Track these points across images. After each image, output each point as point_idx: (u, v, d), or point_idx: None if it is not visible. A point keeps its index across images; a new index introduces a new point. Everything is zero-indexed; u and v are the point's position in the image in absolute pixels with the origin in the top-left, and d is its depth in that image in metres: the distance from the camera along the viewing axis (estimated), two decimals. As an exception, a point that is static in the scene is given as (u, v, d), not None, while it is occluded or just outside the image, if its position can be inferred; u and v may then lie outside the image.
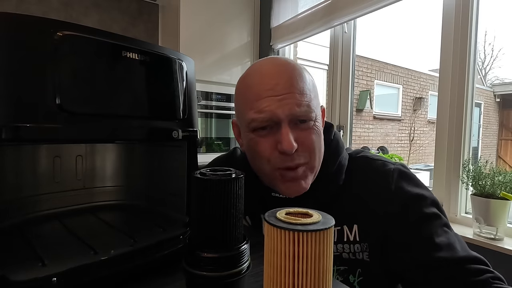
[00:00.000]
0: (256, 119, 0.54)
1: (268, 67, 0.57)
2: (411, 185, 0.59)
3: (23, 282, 0.34)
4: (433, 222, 0.55)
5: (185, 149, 0.53)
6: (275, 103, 0.53)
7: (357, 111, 6.32)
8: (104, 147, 0.67)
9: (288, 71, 0.56)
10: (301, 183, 0.56)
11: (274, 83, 0.54)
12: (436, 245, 0.52)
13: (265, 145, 0.55)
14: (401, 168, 0.61)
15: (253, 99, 0.55)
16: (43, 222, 0.55)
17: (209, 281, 0.35)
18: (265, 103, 0.54)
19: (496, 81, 8.40)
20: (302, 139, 0.54)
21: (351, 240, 0.58)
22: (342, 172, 0.61)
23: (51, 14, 1.77)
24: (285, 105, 0.53)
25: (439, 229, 0.54)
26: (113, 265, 0.41)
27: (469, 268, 0.50)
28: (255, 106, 0.54)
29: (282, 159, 0.54)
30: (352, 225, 0.58)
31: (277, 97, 0.53)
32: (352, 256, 0.58)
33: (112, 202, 0.66)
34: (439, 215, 0.56)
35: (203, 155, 1.85)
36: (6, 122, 0.34)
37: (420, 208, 0.56)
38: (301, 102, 0.54)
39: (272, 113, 0.53)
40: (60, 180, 0.61)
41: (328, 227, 0.31)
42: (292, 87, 0.54)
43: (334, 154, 0.62)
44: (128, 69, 0.44)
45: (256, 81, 0.57)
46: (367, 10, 1.40)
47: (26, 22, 0.35)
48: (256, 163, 0.59)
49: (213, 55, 1.90)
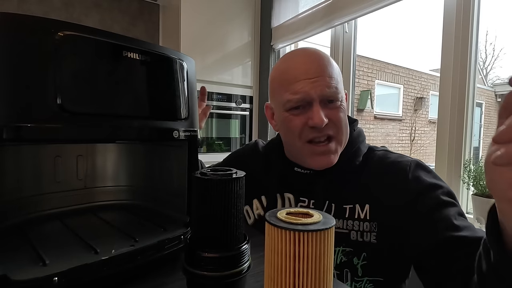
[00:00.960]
0: (292, 100, 0.62)
1: (301, 55, 0.65)
2: (428, 175, 0.61)
3: (24, 282, 0.34)
4: (450, 208, 0.56)
5: (185, 149, 0.53)
6: (308, 85, 0.60)
7: (358, 111, 6.31)
8: (105, 147, 0.67)
9: (318, 58, 0.64)
10: (330, 157, 0.63)
11: (307, 68, 0.62)
12: (456, 226, 0.53)
13: (298, 121, 0.62)
14: (418, 161, 0.65)
15: (289, 82, 0.62)
16: (44, 222, 0.55)
17: (210, 281, 0.35)
18: (300, 84, 0.61)
19: (497, 81, 8.38)
20: (331, 116, 0.62)
21: (361, 217, 0.61)
22: (359, 155, 0.66)
23: (52, 14, 1.78)
24: (317, 87, 0.60)
25: (457, 215, 0.55)
26: (114, 265, 0.41)
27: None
28: (291, 88, 0.62)
29: (313, 131, 0.62)
30: (364, 204, 0.62)
31: (310, 79, 0.61)
32: (360, 238, 0.60)
33: (113, 202, 0.66)
34: (456, 204, 0.58)
35: (204, 155, 1.85)
36: (8, 122, 0.34)
37: (437, 195, 0.58)
38: (331, 84, 0.61)
39: (306, 94, 0.60)
40: (61, 180, 0.61)
41: (328, 227, 0.31)
42: (322, 71, 0.62)
43: (355, 140, 0.69)
44: (129, 69, 0.44)
45: (291, 66, 0.64)
46: (368, 10, 1.40)
47: (27, 22, 0.35)
48: (289, 139, 0.67)
49: (214, 55, 1.90)
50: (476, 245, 0.48)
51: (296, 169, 0.68)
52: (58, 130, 0.37)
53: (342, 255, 0.61)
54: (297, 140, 0.64)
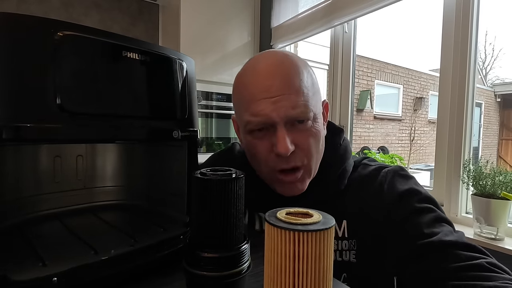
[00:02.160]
0: (252, 122, 0.54)
1: (264, 66, 0.55)
2: (403, 183, 0.58)
3: (24, 282, 0.34)
4: (424, 215, 0.53)
5: (185, 149, 0.53)
6: (269, 106, 0.52)
7: (357, 111, 6.31)
8: (104, 147, 0.67)
9: (283, 69, 0.54)
10: (297, 185, 0.57)
11: (269, 84, 0.52)
12: (426, 235, 0.50)
13: (262, 147, 0.55)
14: (396, 169, 0.60)
15: (248, 100, 0.54)
16: (44, 222, 0.55)
17: (209, 281, 0.35)
18: (260, 106, 0.52)
19: (496, 81, 8.39)
20: (298, 141, 0.53)
21: (339, 235, 0.57)
22: (345, 178, 0.60)
23: (52, 14, 1.78)
24: (280, 108, 0.51)
25: (431, 221, 0.52)
26: (113, 265, 0.41)
27: (460, 253, 0.47)
28: (250, 109, 0.53)
29: (278, 161, 0.54)
30: (341, 220, 0.57)
31: (271, 99, 0.52)
32: (339, 257, 0.57)
33: (112, 202, 0.66)
34: (432, 209, 0.54)
35: (204, 155, 1.85)
36: (7, 122, 0.34)
37: (410, 203, 0.54)
38: (297, 102, 0.52)
39: (267, 117, 0.52)
40: (61, 180, 0.61)
41: (328, 227, 0.31)
42: (287, 87, 0.52)
43: (341, 159, 0.62)
44: (129, 69, 0.44)
45: (251, 80, 0.55)
46: (368, 10, 1.40)
47: (26, 22, 0.35)
48: (254, 164, 0.60)
49: (214, 55, 1.90)
50: (442, 252, 0.47)
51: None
52: (57, 130, 0.37)
53: None
54: (263, 167, 0.57)
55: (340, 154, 0.62)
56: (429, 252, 0.48)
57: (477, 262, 0.45)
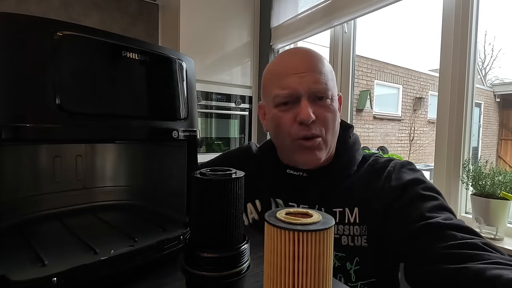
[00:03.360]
0: (280, 94, 0.62)
1: (292, 52, 0.67)
2: (410, 173, 0.62)
3: (23, 282, 0.34)
4: (428, 201, 0.56)
5: (185, 149, 0.53)
6: (296, 80, 0.60)
7: (357, 111, 6.32)
8: (104, 147, 0.67)
9: (308, 54, 0.64)
10: (316, 153, 0.62)
11: (296, 63, 0.62)
12: (427, 216, 0.52)
13: (286, 118, 0.62)
14: (404, 163, 0.65)
15: (278, 77, 0.63)
16: (43, 222, 0.55)
17: (209, 281, 0.35)
18: (288, 79, 0.61)
19: (496, 81, 8.40)
20: (319, 113, 0.61)
21: (351, 221, 0.61)
22: (354, 164, 0.66)
23: (51, 14, 1.77)
24: (305, 82, 0.60)
25: (434, 207, 0.54)
26: (113, 265, 0.41)
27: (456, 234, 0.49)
28: (280, 83, 0.62)
29: (300, 129, 0.61)
30: (353, 207, 0.62)
31: (298, 74, 0.61)
32: (351, 242, 0.60)
33: (112, 202, 0.66)
34: (436, 197, 0.57)
35: (203, 155, 1.85)
36: (6, 122, 0.34)
37: (416, 190, 0.58)
38: (320, 79, 0.61)
39: (294, 89, 0.60)
40: (60, 180, 0.61)
41: (328, 227, 0.31)
42: (312, 67, 0.62)
43: (351, 149, 0.68)
44: (128, 69, 0.44)
45: (280, 63, 0.66)
46: (367, 10, 1.40)
47: (26, 22, 0.35)
48: (278, 137, 0.66)
49: (213, 55, 1.90)
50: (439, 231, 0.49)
51: (289, 171, 0.67)
52: (57, 130, 0.37)
53: (336, 259, 0.61)
54: (287, 137, 0.63)
55: (350, 145, 0.69)
56: (426, 233, 0.51)
57: (472, 241, 0.47)
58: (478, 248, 0.46)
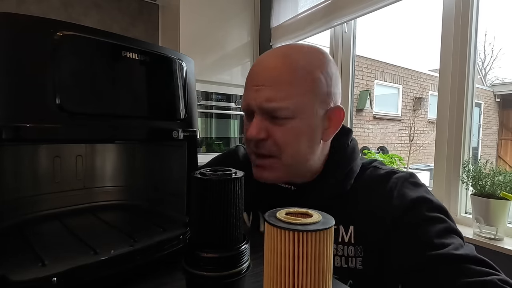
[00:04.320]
0: (242, 106, 0.60)
1: (265, 56, 0.58)
2: (414, 191, 0.56)
3: (23, 282, 0.34)
4: (435, 225, 0.51)
5: (185, 149, 0.53)
6: (252, 94, 0.55)
7: (357, 111, 6.31)
8: (104, 147, 0.67)
9: (276, 62, 0.55)
10: (265, 173, 0.58)
11: (257, 73, 0.56)
12: (436, 245, 0.48)
13: (246, 129, 0.59)
14: (406, 176, 0.59)
15: (245, 86, 0.60)
16: (43, 222, 0.55)
17: (209, 281, 0.35)
18: (247, 91, 0.58)
19: (496, 81, 8.41)
20: (273, 133, 0.54)
21: (345, 241, 0.56)
22: (351, 178, 0.59)
23: (51, 14, 1.77)
24: (258, 97, 0.54)
25: (442, 232, 0.50)
26: (113, 265, 0.41)
27: (470, 268, 0.45)
28: (244, 94, 0.60)
29: (251, 145, 0.57)
30: (348, 226, 0.56)
31: (255, 87, 0.55)
32: (345, 264, 0.55)
33: (112, 202, 0.66)
34: (443, 219, 0.52)
35: (203, 155, 1.85)
36: (6, 122, 0.34)
37: (421, 211, 0.52)
38: (274, 97, 0.52)
39: (247, 103, 0.57)
40: (60, 180, 0.61)
41: (328, 227, 0.31)
42: (270, 80, 0.53)
43: (349, 159, 0.61)
44: (128, 69, 0.44)
45: (251, 69, 0.60)
46: (367, 10, 1.40)
47: (26, 22, 0.35)
48: None
49: (213, 55, 1.90)
50: (452, 265, 0.45)
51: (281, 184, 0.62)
52: (57, 130, 0.37)
53: None
54: (247, 147, 0.61)
55: (347, 154, 0.61)
56: (439, 264, 0.46)
57: (488, 278, 0.43)
58: (496, 287, 0.42)
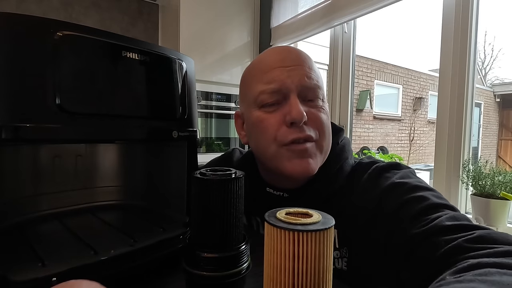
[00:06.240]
0: (265, 90, 0.52)
1: (276, 48, 0.58)
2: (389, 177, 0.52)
3: (23, 282, 0.34)
4: (409, 208, 0.46)
5: (185, 149, 0.53)
6: (284, 73, 0.52)
7: (357, 111, 6.31)
8: (104, 147, 0.67)
9: (295, 50, 0.56)
10: (309, 161, 0.52)
11: (283, 56, 0.54)
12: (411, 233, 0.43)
13: (272, 120, 0.52)
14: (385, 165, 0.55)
15: (262, 71, 0.54)
16: (43, 222, 0.55)
17: (209, 281, 0.35)
18: (275, 73, 0.52)
19: (496, 81, 8.41)
20: (312, 114, 0.52)
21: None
22: (340, 177, 0.56)
23: (51, 14, 1.77)
24: (294, 76, 0.51)
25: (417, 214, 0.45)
26: (113, 265, 0.41)
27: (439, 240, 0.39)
28: (264, 78, 0.53)
29: (289, 132, 0.51)
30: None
31: (286, 67, 0.52)
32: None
33: (112, 202, 0.66)
34: (416, 198, 0.47)
35: (203, 155, 1.85)
36: (6, 122, 0.34)
37: (390, 201, 0.48)
38: (311, 75, 0.53)
39: (282, 83, 0.51)
40: (60, 180, 0.61)
41: (328, 227, 0.31)
42: (301, 61, 0.54)
43: (338, 157, 0.58)
44: (128, 69, 0.44)
45: (264, 57, 0.56)
46: (367, 10, 1.40)
47: (26, 22, 0.35)
48: (260, 146, 0.55)
49: (213, 55, 1.90)
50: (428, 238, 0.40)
51: (268, 190, 0.59)
52: (57, 130, 0.37)
53: None
54: (271, 144, 0.52)
55: (337, 152, 0.58)
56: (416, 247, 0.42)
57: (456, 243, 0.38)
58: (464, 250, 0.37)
